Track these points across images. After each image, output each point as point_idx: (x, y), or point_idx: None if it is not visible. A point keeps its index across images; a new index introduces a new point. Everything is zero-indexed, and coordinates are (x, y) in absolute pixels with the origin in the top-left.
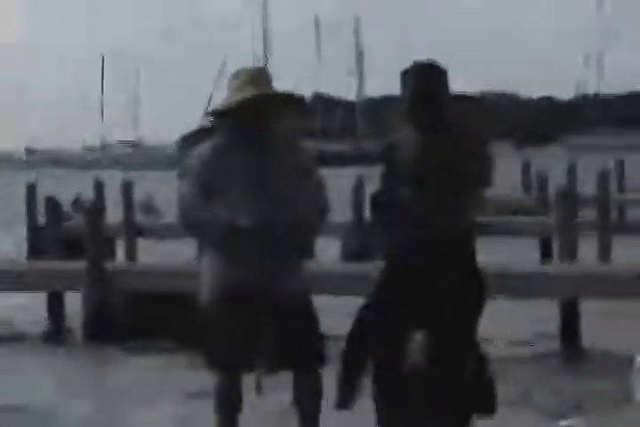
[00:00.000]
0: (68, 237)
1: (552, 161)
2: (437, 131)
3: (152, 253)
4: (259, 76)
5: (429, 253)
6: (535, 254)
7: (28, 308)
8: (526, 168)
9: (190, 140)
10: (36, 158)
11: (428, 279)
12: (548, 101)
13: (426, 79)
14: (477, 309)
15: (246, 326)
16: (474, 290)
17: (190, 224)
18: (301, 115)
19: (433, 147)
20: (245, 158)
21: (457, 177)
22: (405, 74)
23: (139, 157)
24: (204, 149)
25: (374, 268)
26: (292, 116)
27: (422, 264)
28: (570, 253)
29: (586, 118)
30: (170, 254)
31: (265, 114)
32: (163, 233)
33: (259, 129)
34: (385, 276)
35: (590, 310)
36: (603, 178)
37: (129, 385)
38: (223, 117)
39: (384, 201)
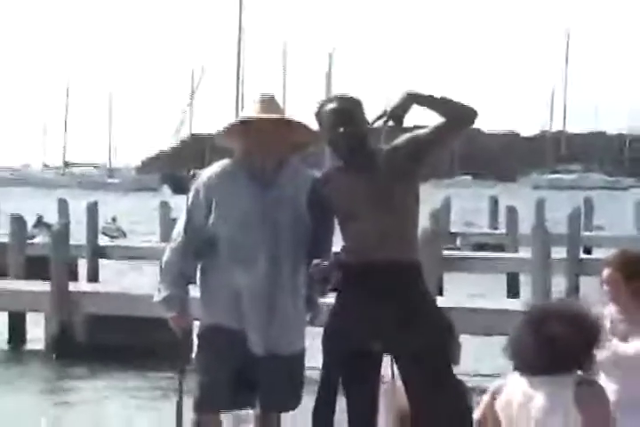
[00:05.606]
0: (32, 256)
1: (514, 197)
2: (365, 158)
3: (114, 274)
4: (270, 103)
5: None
6: (503, 290)
7: None
8: (494, 204)
9: (151, 164)
10: None
11: (385, 303)
12: (512, 137)
13: (341, 112)
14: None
15: (236, 361)
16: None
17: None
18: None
19: (367, 175)
20: (250, 183)
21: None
22: (319, 110)
23: (101, 178)
24: (212, 169)
25: None
26: (303, 143)
27: (376, 291)
28: (543, 289)
29: (549, 155)
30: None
31: (271, 138)
32: (125, 254)
33: (264, 153)
34: (340, 304)
35: None
36: (573, 216)
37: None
38: (230, 139)
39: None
